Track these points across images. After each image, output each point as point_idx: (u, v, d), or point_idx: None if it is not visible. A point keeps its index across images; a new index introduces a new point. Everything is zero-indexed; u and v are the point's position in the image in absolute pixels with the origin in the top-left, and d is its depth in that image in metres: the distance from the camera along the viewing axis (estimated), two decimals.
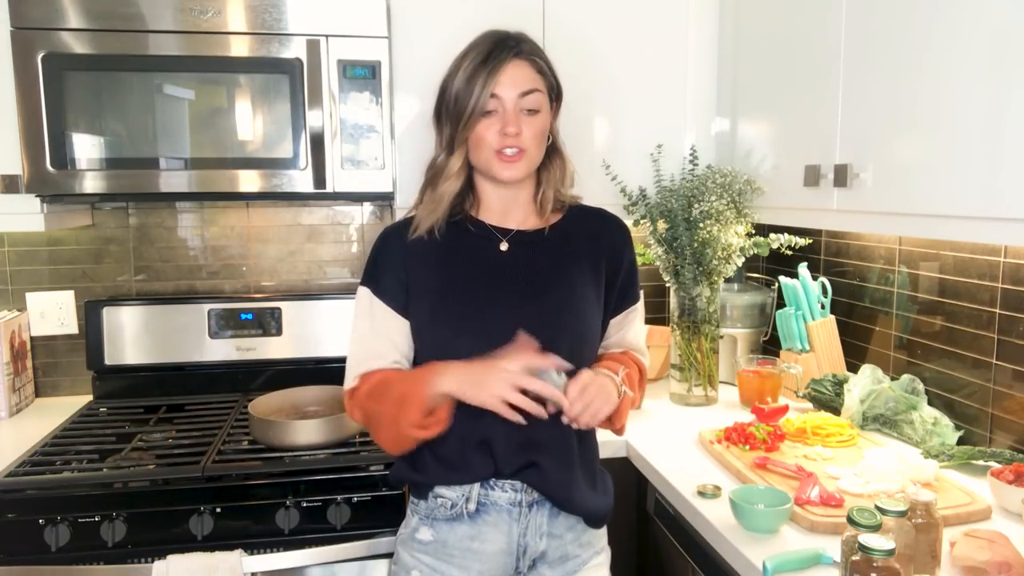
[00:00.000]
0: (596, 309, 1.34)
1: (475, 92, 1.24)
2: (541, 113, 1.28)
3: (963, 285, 1.67)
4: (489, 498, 1.28)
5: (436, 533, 1.30)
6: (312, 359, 2.21)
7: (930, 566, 1.12)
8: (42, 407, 2.14)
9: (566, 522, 1.31)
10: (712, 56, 2.09)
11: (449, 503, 1.29)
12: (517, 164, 1.27)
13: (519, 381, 1.16)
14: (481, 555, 1.28)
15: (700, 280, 2.00)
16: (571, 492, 1.29)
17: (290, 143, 1.82)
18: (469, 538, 1.28)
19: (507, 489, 1.28)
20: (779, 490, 1.36)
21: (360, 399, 1.29)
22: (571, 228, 1.37)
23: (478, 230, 1.34)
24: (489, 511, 1.28)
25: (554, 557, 1.31)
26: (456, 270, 1.30)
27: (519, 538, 1.29)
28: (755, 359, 2.07)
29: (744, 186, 1.92)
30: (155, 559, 1.55)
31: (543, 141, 1.31)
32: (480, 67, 1.25)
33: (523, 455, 1.26)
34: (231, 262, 2.29)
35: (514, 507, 1.28)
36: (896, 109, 1.38)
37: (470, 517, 1.28)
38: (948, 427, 1.68)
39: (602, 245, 1.36)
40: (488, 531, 1.28)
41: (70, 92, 1.73)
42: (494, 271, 1.31)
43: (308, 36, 1.79)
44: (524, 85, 1.26)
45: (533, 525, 1.29)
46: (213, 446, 1.75)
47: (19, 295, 2.17)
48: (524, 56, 1.27)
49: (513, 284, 1.30)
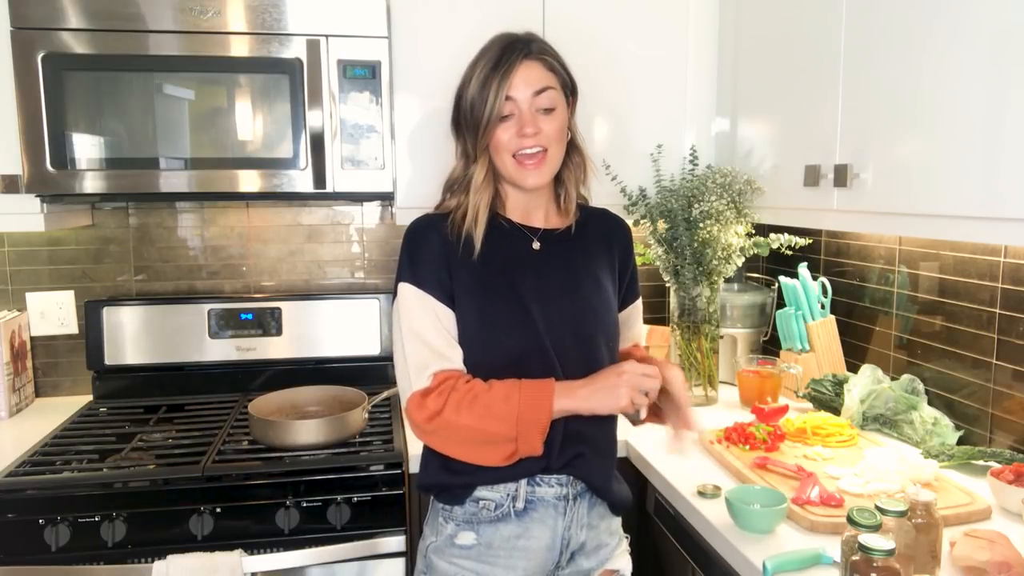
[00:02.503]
0: (616, 304, 1.39)
1: (490, 98, 1.24)
2: (557, 111, 1.28)
3: (963, 285, 1.67)
4: (536, 494, 1.29)
5: (480, 536, 1.28)
6: (312, 359, 2.21)
7: (930, 566, 1.12)
8: (42, 407, 2.14)
9: (599, 511, 1.35)
10: (712, 56, 2.09)
11: (493, 504, 1.28)
12: (541, 168, 1.28)
13: (642, 383, 1.21)
14: (527, 552, 1.29)
15: (700, 280, 2.00)
16: (611, 481, 1.35)
17: (290, 143, 1.82)
18: (516, 536, 1.28)
19: (553, 484, 1.29)
20: (775, 490, 1.36)
21: (440, 405, 1.21)
22: (589, 227, 1.39)
23: (509, 228, 1.34)
24: (536, 507, 1.29)
25: (591, 547, 1.34)
26: (495, 269, 1.29)
27: (564, 532, 1.31)
28: (755, 359, 2.07)
29: (744, 186, 1.92)
30: (155, 559, 1.55)
31: (563, 139, 1.31)
32: (492, 73, 1.25)
33: (572, 447, 1.28)
34: (231, 262, 2.30)
35: (560, 501, 1.30)
36: (896, 109, 1.38)
37: (517, 516, 1.28)
38: (948, 427, 1.68)
39: (613, 243, 1.41)
40: (535, 527, 1.29)
41: (70, 92, 1.73)
42: (531, 270, 1.32)
43: (308, 36, 1.79)
44: (537, 84, 1.26)
45: (576, 517, 1.32)
46: (213, 446, 1.75)
47: (19, 295, 2.18)
48: (534, 56, 1.27)
49: (550, 282, 1.31)
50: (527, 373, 1.24)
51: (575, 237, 1.37)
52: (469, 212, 1.29)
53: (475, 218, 1.29)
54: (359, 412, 1.79)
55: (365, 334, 2.22)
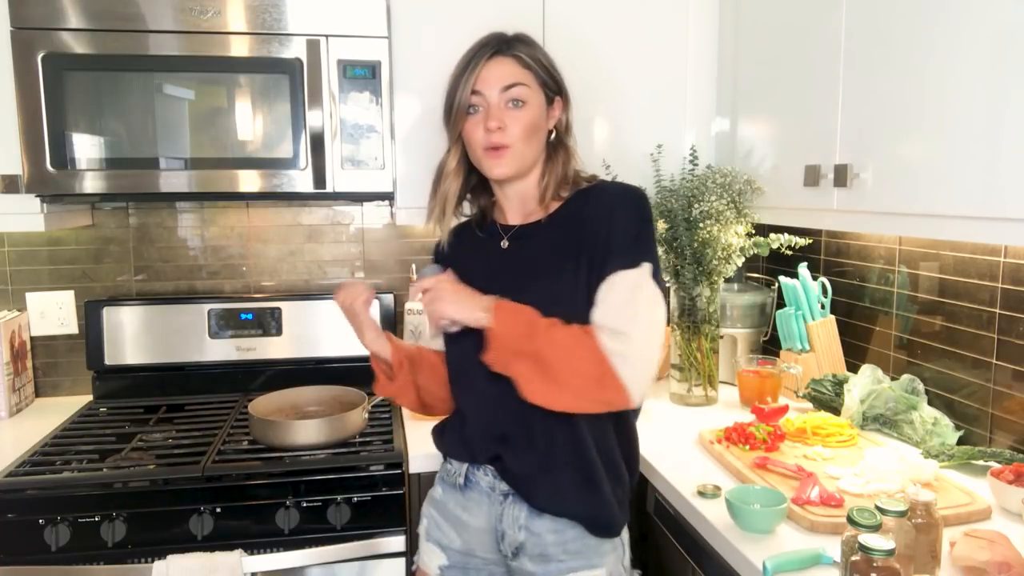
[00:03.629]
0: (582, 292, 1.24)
1: (458, 90, 1.30)
2: (528, 106, 1.29)
3: (963, 285, 1.67)
4: (475, 477, 1.35)
5: (443, 494, 1.41)
6: (312, 359, 2.21)
7: (930, 566, 1.12)
8: (42, 407, 2.14)
9: (552, 524, 1.28)
10: (712, 56, 2.09)
11: (453, 471, 1.39)
12: (503, 159, 1.29)
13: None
14: (468, 527, 1.36)
15: (700, 280, 2.00)
16: (537, 489, 1.28)
17: (290, 143, 1.82)
18: (461, 508, 1.37)
19: (488, 473, 1.34)
20: (775, 490, 1.36)
21: None
22: (569, 212, 1.32)
23: (490, 230, 1.39)
24: (474, 489, 1.36)
25: (533, 553, 1.30)
26: (467, 273, 1.31)
27: (496, 522, 1.33)
28: (755, 359, 2.07)
29: (744, 186, 1.92)
30: (155, 559, 1.55)
31: (532, 135, 1.30)
32: (463, 66, 1.30)
33: (492, 446, 1.31)
34: (231, 262, 2.29)
35: (492, 492, 1.33)
36: (896, 109, 1.38)
37: (461, 490, 1.37)
38: (948, 427, 1.68)
39: (584, 218, 1.27)
40: (473, 507, 1.36)
41: (70, 92, 1.73)
42: (492, 269, 1.34)
43: (308, 36, 1.79)
44: (506, 80, 1.28)
45: (509, 515, 1.31)
46: (213, 446, 1.75)
47: (19, 295, 2.18)
48: (507, 53, 1.30)
49: (504, 280, 1.30)
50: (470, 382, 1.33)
51: (545, 226, 1.32)
52: (438, 204, 1.36)
53: (443, 209, 1.36)
54: (359, 412, 1.79)
55: None
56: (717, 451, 1.64)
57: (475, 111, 1.30)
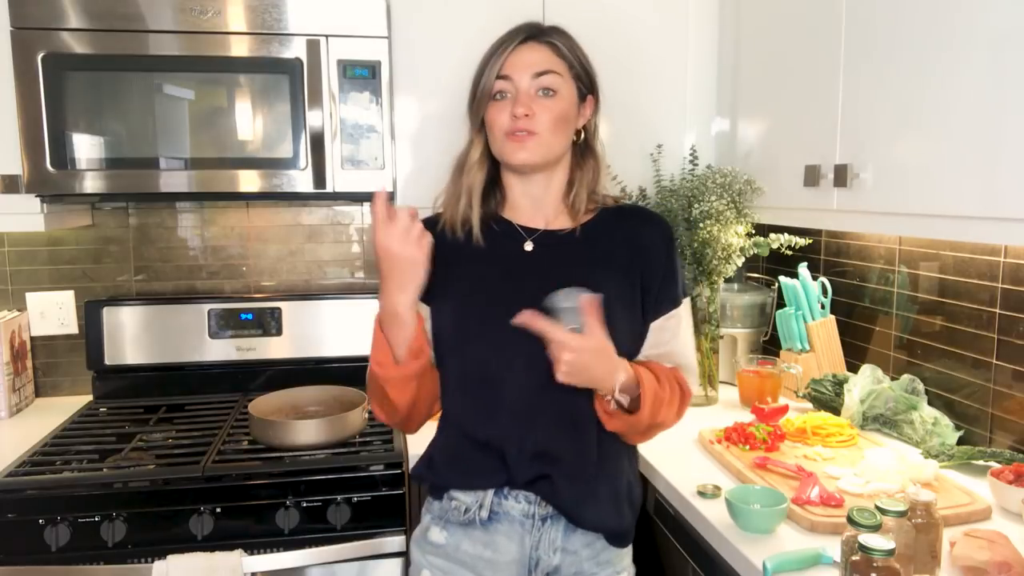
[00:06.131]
0: (628, 314, 1.24)
1: (484, 74, 1.23)
2: (559, 96, 1.22)
3: (963, 285, 1.67)
4: (502, 507, 1.23)
5: (449, 536, 1.26)
6: (312, 359, 2.21)
7: (930, 566, 1.12)
8: (42, 407, 2.14)
9: (584, 538, 1.24)
10: (712, 56, 2.09)
11: (463, 507, 1.24)
12: (527, 144, 1.20)
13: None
14: (494, 564, 1.23)
15: (700, 280, 2.00)
16: (585, 508, 1.23)
17: (290, 143, 1.82)
18: (483, 545, 1.24)
19: (520, 500, 1.22)
20: (775, 490, 1.36)
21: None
22: (604, 228, 1.28)
23: (502, 228, 1.28)
24: (502, 520, 1.23)
25: (568, 573, 1.25)
26: (477, 271, 1.25)
27: (531, 551, 1.23)
28: (755, 359, 2.07)
29: (744, 186, 1.92)
30: (155, 559, 1.55)
31: (561, 127, 1.23)
32: (493, 50, 1.24)
33: (536, 466, 1.21)
34: (231, 262, 2.29)
35: (527, 519, 1.23)
36: (896, 109, 1.38)
37: (483, 524, 1.23)
38: (948, 427, 1.68)
39: (637, 245, 1.27)
40: (501, 541, 1.23)
41: (70, 92, 1.73)
42: (516, 272, 1.25)
43: (308, 36, 1.79)
44: (538, 66, 1.21)
45: (546, 539, 1.23)
46: (213, 446, 1.75)
47: (19, 295, 2.17)
48: (541, 40, 1.24)
49: (534, 286, 1.19)
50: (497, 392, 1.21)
51: (581, 239, 1.26)
52: (463, 196, 1.26)
53: (460, 201, 1.26)
54: (359, 412, 1.79)
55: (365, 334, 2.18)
56: (717, 451, 1.64)
57: (502, 97, 1.22)
